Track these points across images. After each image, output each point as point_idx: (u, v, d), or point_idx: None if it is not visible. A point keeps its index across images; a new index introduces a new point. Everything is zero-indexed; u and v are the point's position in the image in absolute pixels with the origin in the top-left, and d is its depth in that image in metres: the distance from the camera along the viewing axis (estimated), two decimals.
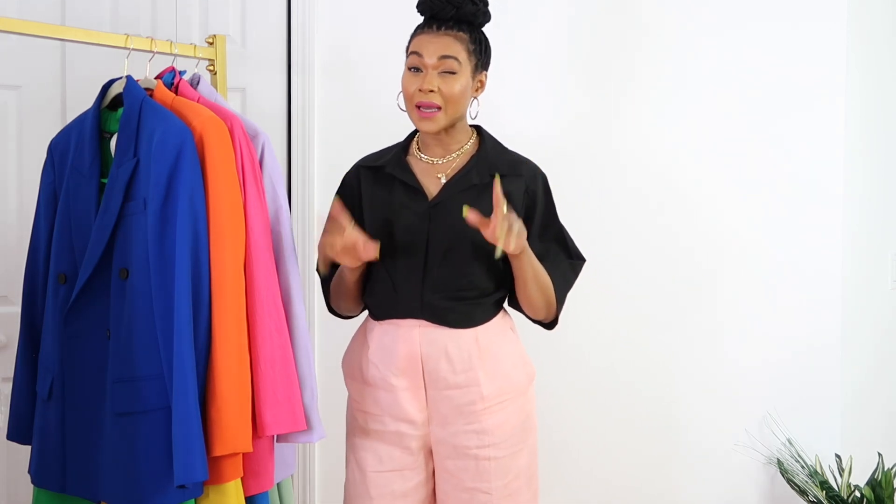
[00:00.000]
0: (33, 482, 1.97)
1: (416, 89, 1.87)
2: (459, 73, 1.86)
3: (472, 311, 1.91)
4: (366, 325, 2.01)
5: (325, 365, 2.71)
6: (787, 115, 2.69)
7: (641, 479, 2.74)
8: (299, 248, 2.67)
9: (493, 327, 1.94)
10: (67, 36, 2.07)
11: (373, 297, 1.97)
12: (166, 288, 1.80)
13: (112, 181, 1.87)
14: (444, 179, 1.93)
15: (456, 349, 1.89)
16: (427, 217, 1.90)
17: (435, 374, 1.90)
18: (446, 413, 1.91)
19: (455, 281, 1.89)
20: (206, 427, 1.80)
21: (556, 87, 2.71)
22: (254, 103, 2.69)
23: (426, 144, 1.97)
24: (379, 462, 1.93)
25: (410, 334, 1.91)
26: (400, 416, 1.92)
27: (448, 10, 1.88)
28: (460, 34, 1.88)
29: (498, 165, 1.92)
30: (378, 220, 1.93)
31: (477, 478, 1.90)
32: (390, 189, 1.94)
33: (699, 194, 2.72)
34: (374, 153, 2.04)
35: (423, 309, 1.90)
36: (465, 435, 1.90)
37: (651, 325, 2.72)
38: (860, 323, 2.79)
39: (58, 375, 1.91)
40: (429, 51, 1.86)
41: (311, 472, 2.74)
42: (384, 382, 1.92)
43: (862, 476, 2.66)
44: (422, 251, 1.89)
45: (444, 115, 1.87)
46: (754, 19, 2.68)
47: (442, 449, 1.93)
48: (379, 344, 1.94)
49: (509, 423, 1.92)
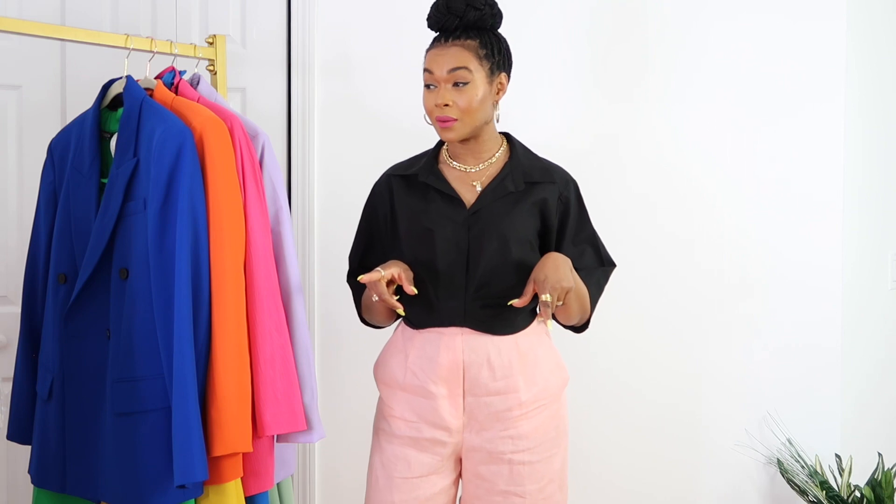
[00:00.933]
0: (33, 482, 1.97)
1: (432, 105, 1.88)
2: (472, 82, 1.86)
3: (513, 318, 1.92)
4: (403, 332, 1.98)
5: (325, 365, 2.72)
6: (787, 115, 2.69)
7: (641, 478, 2.74)
8: (299, 249, 2.67)
9: (531, 333, 1.95)
10: (67, 36, 2.07)
11: (413, 307, 1.93)
12: (166, 288, 1.80)
13: (112, 181, 1.87)
14: (479, 187, 1.93)
15: (497, 356, 1.90)
16: (466, 225, 1.90)
17: (476, 381, 1.89)
18: (483, 419, 1.90)
19: (498, 288, 1.89)
20: (206, 427, 1.81)
21: (560, 92, 2.71)
22: (254, 103, 2.69)
23: (457, 153, 1.97)
24: (408, 468, 1.92)
25: (454, 342, 1.90)
26: (437, 424, 1.91)
27: (452, 21, 1.88)
28: (468, 42, 1.87)
29: (531, 172, 1.93)
30: (418, 229, 1.92)
31: (511, 482, 1.90)
32: (426, 198, 1.94)
33: (699, 195, 2.71)
34: (403, 162, 2.03)
35: (466, 317, 1.90)
36: (500, 440, 1.90)
37: (651, 326, 2.72)
38: (860, 323, 2.79)
39: (58, 375, 1.91)
40: (438, 66, 1.87)
41: (311, 472, 2.74)
42: (423, 390, 1.91)
43: (862, 476, 2.66)
44: (463, 259, 1.89)
45: (461, 124, 1.87)
46: (754, 20, 2.68)
47: (476, 455, 1.92)
48: (420, 352, 1.92)
49: (544, 427, 1.92)
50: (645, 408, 2.73)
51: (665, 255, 2.72)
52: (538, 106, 2.69)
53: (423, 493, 1.92)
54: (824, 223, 2.69)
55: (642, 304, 2.71)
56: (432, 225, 1.90)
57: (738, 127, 2.70)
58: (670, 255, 2.72)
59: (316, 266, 2.71)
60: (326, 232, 2.71)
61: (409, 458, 1.92)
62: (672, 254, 2.72)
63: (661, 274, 2.71)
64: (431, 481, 1.92)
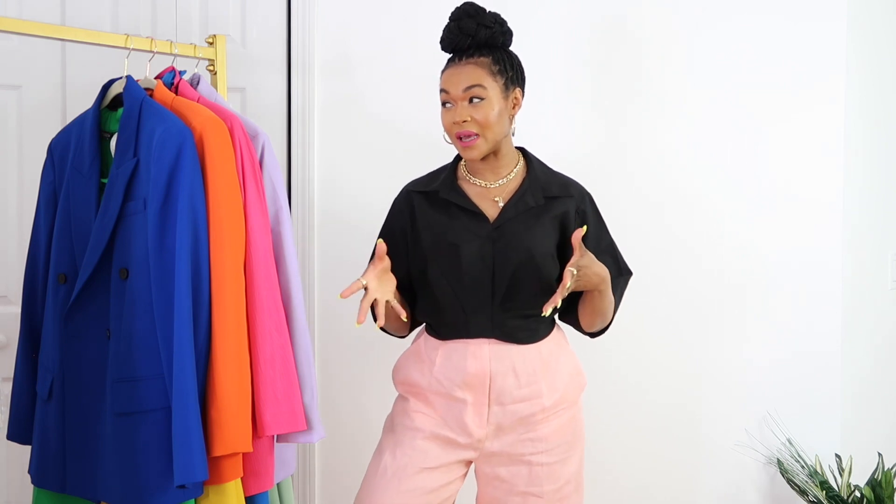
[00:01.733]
0: (33, 482, 1.97)
1: (451, 123, 1.91)
2: (488, 98, 1.89)
3: (538, 327, 1.97)
4: (426, 342, 2.01)
5: (324, 365, 2.72)
6: (788, 116, 2.68)
7: (641, 478, 2.74)
8: (299, 249, 2.67)
9: (552, 340, 2.00)
10: (67, 36, 2.07)
11: (440, 318, 1.98)
12: (166, 288, 1.80)
13: (112, 181, 1.87)
14: (501, 202, 1.96)
15: (522, 364, 1.94)
16: (490, 240, 1.93)
17: (502, 390, 1.93)
18: (506, 426, 1.94)
19: (523, 300, 1.93)
20: (206, 427, 1.81)
21: (562, 101, 2.71)
22: (254, 103, 2.69)
23: (476, 170, 2.00)
24: (423, 459, 1.94)
25: (480, 352, 1.94)
26: (460, 429, 1.94)
27: (464, 41, 1.92)
28: (481, 59, 1.91)
29: (550, 187, 1.97)
30: (443, 244, 1.95)
31: (530, 482, 1.94)
32: (448, 213, 1.97)
33: (698, 195, 2.71)
34: (423, 177, 2.06)
35: (493, 329, 1.94)
36: (521, 443, 1.94)
37: (651, 326, 2.72)
38: (860, 323, 2.79)
39: (58, 375, 1.91)
40: (453, 84, 1.90)
41: (311, 472, 2.74)
42: (449, 396, 1.95)
43: (862, 476, 2.66)
44: (489, 273, 1.93)
45: (483, 140, 1.90)
46: (755, 22, 2.68)
47: (496, 458, 1.96)
48: (446, 362, 1.96)
49: (562, 430, 1.97)
50: (645, 408, 2.73)
51: (665, 256, 2.72)
52: (542, 115, 2.69)
53: (430, 484, 1.94)
54: (824, 223, 2.69)
55: (643, 304, 2.71)
56: (457, 240, 1.94)
57: (738, 128, 2.70)
58: (670, 255, 2.72)
59: (316, 266, 2.71)
60: (326, 232, 2.71)
61: (427, 450, 1.94)
62: (672, 254, 2.72)
63: (662, 274, 2.71)
64: (440, 474, 1.95)
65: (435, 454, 1.94)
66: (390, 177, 2.20)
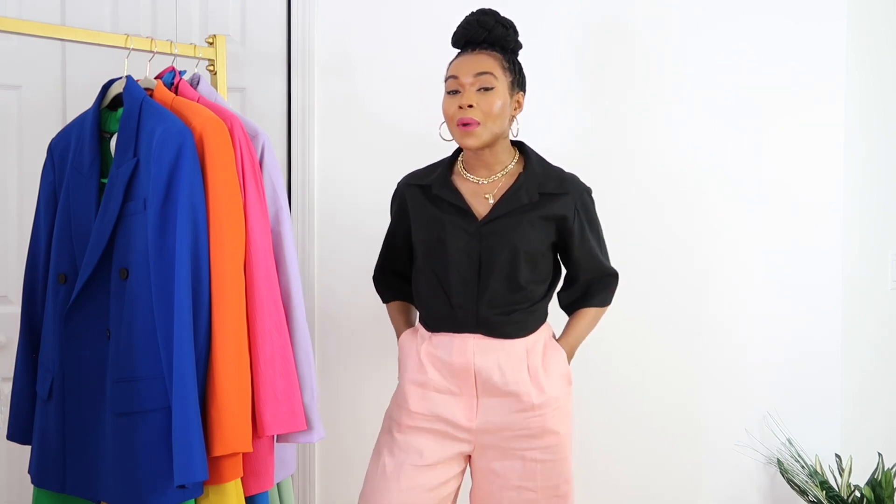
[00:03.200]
0: (33, 482, 1.97)
1: (455, 109, 1.92)
2: (496, 89, 1.91)
3: (524, 321, 1.98)
4: (419, 333, 2.05)
5: (325, 365, 2.72)
6: (788, 116, 2.69)
7: (641, 478, 2.74)
8: (299, 249, 2.67)
9: (540, 335, 2.01)
10: (67, 36, 2.07)
11: (428, 310, 2.03)
12: (166, 288, 1.80)
13: (112, 181, 1.87)
14: (491, 200, 1.97)
15: (507, 360, 1.95)
16: (478, 236, 1.95)
17: (488, 384, 1.95)
18: (497, 420, 1.96)
19: (509, 296, 1.95)
20: (206, 427, 1.80)
21: (563, 98, 2.71)
22: (254, 103, 2.69)
23: (471, 164, 2.02)
24: (420, 457, 1.96)
25: (465, 346, 1.96)
26: (450, 421, 1.96)
27: (480, 34, 1.95)
28: (494, 53, 1.94)
29: (546, 183, 1.97)
30: (432, 238, 1.98)
31: (524, 477, 1.96)
32: (440, 207, 2.00)
33: (699, 195, 2.72)
34: (420, 170, 2.09)
35: (478, 324, 1.96)
36: (514, 439, 1.96)
37: (651, 326, 2.72)
38: (860, 323, 2.79)
39: (58, 375, 1.91)
40: (464, 70, 1.92)
41: (311, 472, 2.74)
42: (437, 388, 1.98)
43: (862, 476, 2.66)
44: (475, 269, 1.95)
45: (484, 129, 1.91)
46: (755, 22, 2.68)
47: (490, 453, 1.98)
48: (433, 355, 1.99)
49: (554, 427, 1.97)
50: (645, 408, 2.73)
51: (665, 255, 2.72)
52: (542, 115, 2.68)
53: (430, 481, 1.95)
54: (824, 223, 2.69)
55: (642, 303, 2.71)
56: (445, 235, 1.96)
57: (738, 128, 2.70)
58: (670, 254, 2.72)
59: (316, 266, 2.71)
60: (326, 232, 2.71)
61: (423, 447, 1.96)
62: (672, 253, 2.72)
63: (662, 274, 2.71)
64: (439, 471, 1.96)
65: (431, 450, 1.96)
66: (390, 177, 2.20)
